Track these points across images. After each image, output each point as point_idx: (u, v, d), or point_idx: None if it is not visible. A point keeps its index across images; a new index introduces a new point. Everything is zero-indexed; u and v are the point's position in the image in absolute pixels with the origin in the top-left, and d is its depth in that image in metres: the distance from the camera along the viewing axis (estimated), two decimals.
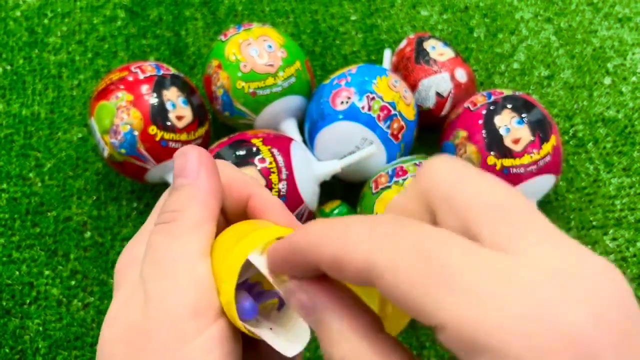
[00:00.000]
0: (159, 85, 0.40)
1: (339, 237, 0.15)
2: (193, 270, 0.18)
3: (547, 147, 0.38)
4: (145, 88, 0.39)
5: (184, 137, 0.40)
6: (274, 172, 0.36)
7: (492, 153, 0.38)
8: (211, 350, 0.17)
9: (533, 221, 0.14)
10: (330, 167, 0.39)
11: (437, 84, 0.43)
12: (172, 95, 0.40)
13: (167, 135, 0.39)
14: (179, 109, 0.40)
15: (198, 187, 0.20)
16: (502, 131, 0.38)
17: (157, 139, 0.39)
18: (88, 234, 0.43)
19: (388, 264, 0.14)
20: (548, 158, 0.38)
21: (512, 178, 0.38)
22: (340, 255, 0.15)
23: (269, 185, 0.36)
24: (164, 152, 0.39)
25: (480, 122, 0.39)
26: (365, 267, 0.14)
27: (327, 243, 0.15)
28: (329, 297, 0.16)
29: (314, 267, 0.16)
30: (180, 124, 0.40)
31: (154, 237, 0.19)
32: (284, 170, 0.37)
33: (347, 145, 0.40)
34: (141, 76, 0.40)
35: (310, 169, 0.39)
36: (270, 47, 0.41)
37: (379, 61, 0.51)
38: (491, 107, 0.40)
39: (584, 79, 0.50)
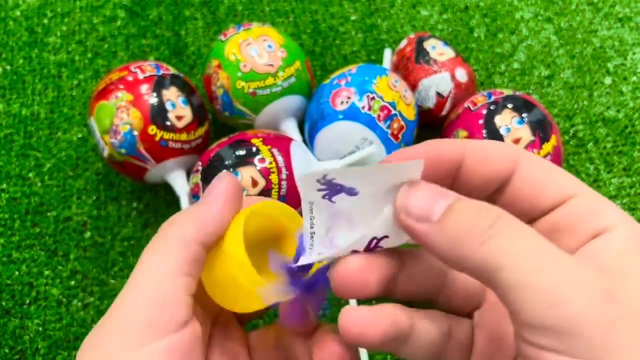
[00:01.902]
0: (159, 85, 0.40)
1: (484, 141, 0.19)
2: (157, 285, 0.18)
3: (548, 147, 0.38)
4: (144, 88, 0.39)
5: (183, 137, 0.40)
6: (273, 172, 0.36)
7: None
8: None
9: None
10: (330, 167, 0.39)
11: (437, 83, 0.43)
12: (171, 95, 0.40)
13: (166, 135, 0.39)
14: (179, 109, 0.40)
15: (206, 208, 0.20)
16: (502, 131, 0.38)
17: (157, 138, 0.39)
18: (88, 234, 0.43)
19: (531, 156, 0.18)
20: (548, 158, 0.38)
21: None
22: (492, 151, 0.18)
23: (269, 186, 0.36)
24: (163, 152, 0.39)
25: (481, 121, 0.39)
26: (514, 160, 0.18)
27: (475, 143, 0.18)
28: None
29: (455, 166, 0.18)
30: (180, 124, 0.39)
31: (143, 253, 0.20)
32: (284, 170, 0.37)
33: (347, 145, 0.40)
34: (141, 76, 0.40)
35: (310, 169, 0.39)
36: (270, 47, 0.41)
37: (379, 61, 0.51)
38: (491, 107, 0.39)
39: (584, 79, 0.50)
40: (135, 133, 0.38)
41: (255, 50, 0.41)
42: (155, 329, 0.18)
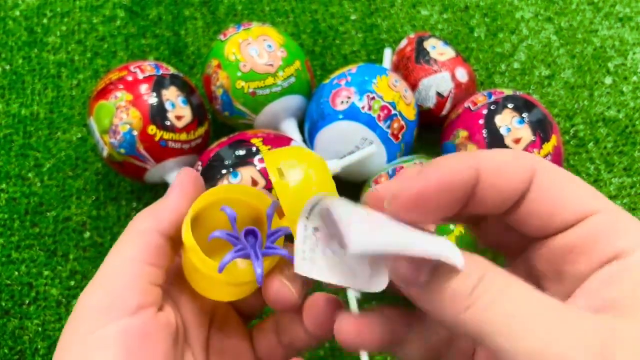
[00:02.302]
0: (158, 84, 0.40)
1: (500, 152, 0.17)
2: (110, 273, 0.20)
3: (548, 147, 0.38)
4: (144, 88, 0.39)
5: (183, 136, 0.40)
6: None
7: None
8: (110, 343, 0.18)
9: None
10: (330, 167, 0.39)
11: (438, 83, 0.43)
12: (171, 94, 0.40)
13: (166, 135, 0.39)
14: (178, 109, 0.40)
15: (163, 200, 0.21)
16: (502, 131, 0.38)
17: (157, 138, 0.39)
18: (87, 234, 0.43)
19: (548, 169, 0.17)
20: (549, 158, 0.38)
21: None
22: (506, 165, 0.16)
23: (269, 186, 0.36)
24: (163, 152, 0.39)
25: (481, 121, 0.39)
26: (529, 173, 0.16)
27: (488, 154, 0.17)
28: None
29: (462, 194, 0.16)
30: (179, 124, 0.39)
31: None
32: None
33: (347, 145, 0.40)
34: (140, 76, 0.40)
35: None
36: (270, 46, 0.41)
37: (379, 61, 0.51)
38: (492, 107, 0.39)
39: (584, 79, 0.50)
40: (135, 133, 0.38)
41: (255, 50, 0.41)
42: (107, 314, 0.18)
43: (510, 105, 0.39)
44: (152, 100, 0.39)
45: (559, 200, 0.16)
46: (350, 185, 0.44)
